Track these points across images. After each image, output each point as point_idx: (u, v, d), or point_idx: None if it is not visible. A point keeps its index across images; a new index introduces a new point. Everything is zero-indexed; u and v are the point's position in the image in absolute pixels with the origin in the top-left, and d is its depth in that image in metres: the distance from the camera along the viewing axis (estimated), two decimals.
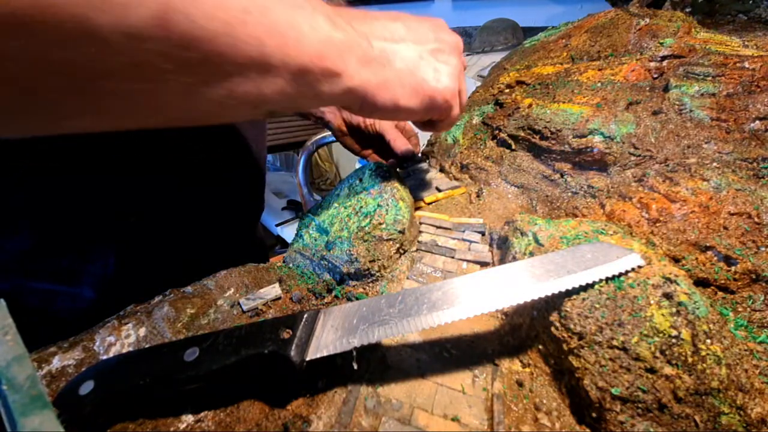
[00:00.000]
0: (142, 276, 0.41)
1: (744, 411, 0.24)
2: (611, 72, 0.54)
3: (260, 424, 0.26)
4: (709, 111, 0.44)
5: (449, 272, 0.38)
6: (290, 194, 2.35)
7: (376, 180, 0.40)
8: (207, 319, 0.33)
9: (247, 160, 0.57)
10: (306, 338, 0.26)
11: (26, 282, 0.41)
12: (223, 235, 0.56)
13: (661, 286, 0.26)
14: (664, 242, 0.34)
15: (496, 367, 0.29)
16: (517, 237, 0.36)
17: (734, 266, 0.32)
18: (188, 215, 0.50)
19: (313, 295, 0.36)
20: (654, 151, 0.43)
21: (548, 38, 0.69)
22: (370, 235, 0.36)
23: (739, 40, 0.55)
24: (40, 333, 0.29)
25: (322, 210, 0.42)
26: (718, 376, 0.24)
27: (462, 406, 0.26)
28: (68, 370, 0.29)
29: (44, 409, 0.20)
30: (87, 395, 0.24)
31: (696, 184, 0.36)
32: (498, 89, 0.63)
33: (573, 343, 0.27)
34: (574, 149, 0.46)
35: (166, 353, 0.26)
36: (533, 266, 0.28)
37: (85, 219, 0.42)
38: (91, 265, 0.43)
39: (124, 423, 0.25)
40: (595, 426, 0.26)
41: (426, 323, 0.26)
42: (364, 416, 0.26)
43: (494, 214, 0.46)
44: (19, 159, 0.37)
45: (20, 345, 0.22)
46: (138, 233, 0.46)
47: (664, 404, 0.24)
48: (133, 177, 0.43)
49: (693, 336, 0.24)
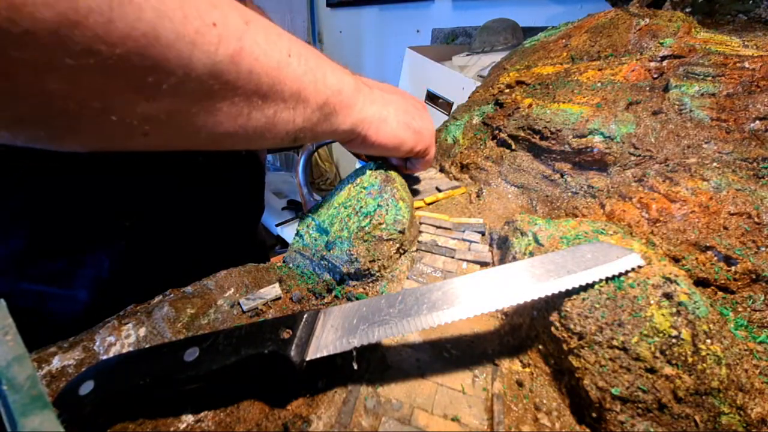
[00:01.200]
0: (139, 277, 0.41)
1: (744, 411, 0.24)
2: (611, 72, 0.54)
3: (260, 424, 0.26)
4: (709, 111, 0.44)
5: (449, 272, 0.38)
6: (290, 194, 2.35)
7: (376, 180, 0.40)
8: (207, 319, 0.33)
9: (247, 160, 0.57)
10: (306, 338, 0.26)
11: (20, 284, 0.41)
12: (223, 235, 0.56)
13: (661, 286, 0.26)
14: (664, 242, 0.34)
15: (496, 367, 0.29)
16: (517, 237, 0.36)
17: (734, 266, 0.32)
18: (188, 215, 0.50)
19: (313, 295, 0.36)
20: (654, 151, 0.43)
21: (548, 38, 0.69)
22: (370, 235, 0.36)
23: (739, 40, 0.55)
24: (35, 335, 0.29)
25: (322, 210, 0.42)
26: (718, 376, 0.24)
27: (462, 406, 0.26)
28: (68, 370, 0.29)
29: (44, 409, 0.20)
30: (87, 395, 0.24)
31: (696, 184, 0.36)
32: (498, 89, 0.63)
33: (573, 343, 0.27)
34: (574, 149, 0.46)
35: (166, 353, 0.26)
36: (533, 266, 0.28)
37: (83, 220, 0.42)
38: (86, 268, 0.43)
39: (124, 423, 0.25)
40: (595, 426, 0.26)
41: (426, 323, 0.26)
42: (364, 416, 0.26)
43: (494, 214, 0.46)
44: (19, 159, 0.37)
45: (20, 345, 0.22)
46: (137, 234, 0.46)
47: (664, 404, 0.24)
48: (133, 177, 0.43)
49: (693, 336, 0.24)
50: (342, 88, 0.33)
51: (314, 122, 0.32)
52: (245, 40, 0.24)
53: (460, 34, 1.88)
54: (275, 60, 0.26)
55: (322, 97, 0.31)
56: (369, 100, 0.37)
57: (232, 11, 0.24)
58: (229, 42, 0.23)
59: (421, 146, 0.42)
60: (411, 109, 0.43)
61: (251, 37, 0.24)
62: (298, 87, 0.28)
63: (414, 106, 0.44)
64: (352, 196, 0.40)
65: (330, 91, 0.32)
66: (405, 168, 0.47)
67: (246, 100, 0.26)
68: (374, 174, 0.41)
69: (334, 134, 0.35)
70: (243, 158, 0.56)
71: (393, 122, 0.39)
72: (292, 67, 0.28)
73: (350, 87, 0.34)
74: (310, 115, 0.31)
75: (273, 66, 0.26)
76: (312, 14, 2.76)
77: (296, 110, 0.29)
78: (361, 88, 0.36)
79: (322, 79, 0.31)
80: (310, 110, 0.30)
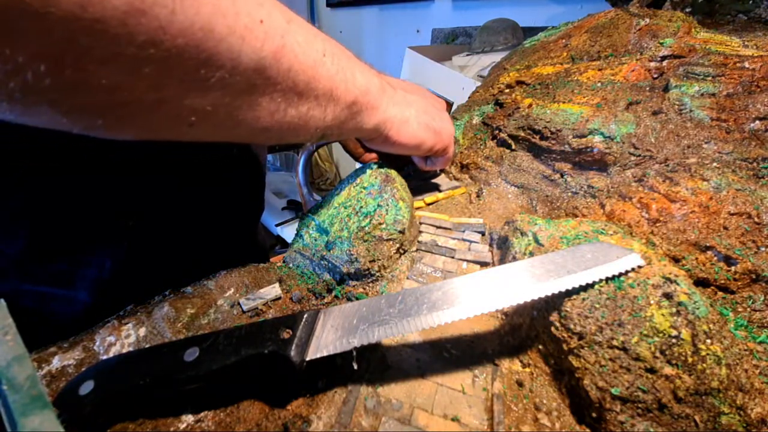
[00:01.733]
0: (140, 278, 0.41)
1: (744, 411, 0.24)
2: (611, 72, 0.54)
3: (260, 424, 0.26)
4: (709, 111, 0.44)
5: (449, 272, 0.38)
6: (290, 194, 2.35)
7: (376, 180, 0.40)
8: (207, 319, 0.33)
9: (247, 160, 0.57)
10: (306, 338, 0.26)
11: (21, 284, 0.41)
12: (223, 235, 0.56)
13: (661, 286, 0.26)
14: (664, 242, 0.34)
15: (496, 367, 0.29)
16: (517, 237, 0.36)
17: (734, 266, 0.32)
18: (188, 215, 0.50)
19: (313, 295, 0.36)
20: (654, 151, 0.43)
21: (548, 38, 0.69)
22: (370, 235, 0.36)
23: (739, 40, 0.55)
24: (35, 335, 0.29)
25: (322, 210, 0.42)
26: (718, 376, 0.24)
27: (462, 406, 0.26)
28: (68, 370, 0.29)
29: (44, 409, 0.20)
30: (87, 395, 0.24)
31: (696, 184, 0.36)
32: (498, 89, 0.63)
33: (573, 343, 0.27)
34: (574, 149, 0.46)
35: (166, 353, 0.26)
36: (533, 266, 0.28)
37: (84, 221, 0.42)
38: (87, 269, 0.43)
39: (124, 423, 0.25)
40: (595, 426, 0.26)
41: (426, 323, 0.26)
42: (364, 416, 0.26)
43: (494, 214, 0.46)
44: (19, 159, 0.37)
45: (20, 345, 0.22)
46: (137, 234, 0.46)
47: (664, 404, 0.24)
48: (133, 177, 0.43)
49: (693, 336, 0.24)
50: (369, 89, 0.34)
51: (342, 120, 0.33)
52: (287, 38, 0.25)
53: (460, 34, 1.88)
54: (312, 59, 0.27)
55: (351, 97, 0.32)
56: (393, 101, 0.38)
57: (275, 10, 0.25)
58: (274, 39, 0.24)
59: (440, 146, 0.44)
60: (431, 109, 0.44)
61: (292, 35, 0.25)
62: (330, 86, 0.29)
63: (434, 107, 0.45)
64: (352, 196, 0.40)
65: (358, 91, 0.33)
66: (425, 165, 0.49)
67: (284, 97, 0.27)
68: (374, 174, 0.41)
69: (358, 132, 0.37)
70: (243, 158, 0.56)
71: (414, 123, 0.40)
72: (326, 66, 0.29)
73: (376, 87, 0.35)
74: (339, 114, 0.32)
75: (309, 64, 0.27)
76: (312, 14, 2.76)
77: (327, 108, 0.30)
78: (385, 88, 0.37)
79: (351, 79, 0.32)
80: (339, 109, 0.31)
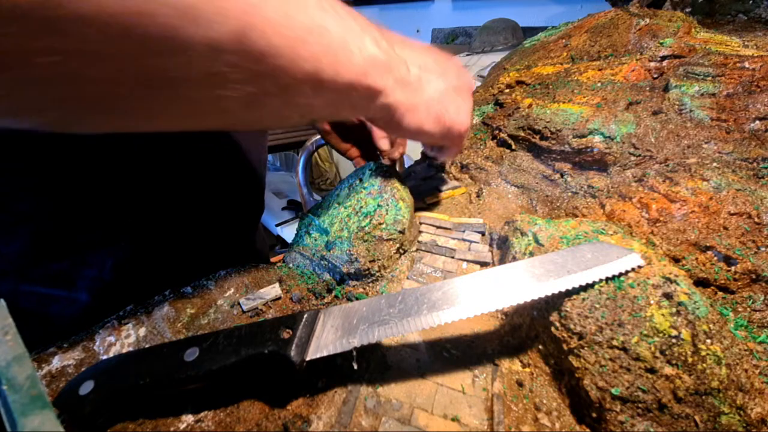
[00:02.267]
0: (140, 278, 0.41)
1: (744, 411, 0.24)
2: (611, 72, 0.54)
3: (260, 424, 0.26)
4: (709, 111, 0.44)
5: (449, 272, 0.38)
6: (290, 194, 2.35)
7: (376, 180, 0.40)
8: (207, 319, 0.33)
9: (247, 160, 0.57)
10: (306, 338, 0.26)
11: (21, 285, 0.41)
12: (223, 235, 0.56)
13: (661, 286, 0.26)
14: (664, 242, 0.34)
15: (496, 367, 0.29)
16: (517, 237, 0.36)
17: (734, 266, 0.32)
18: (188, 215, 0.50)
19: (313, 295, 0.36)
20: (654, 151, 0.43)
21: (548, 38, 0.69)
22: (370, 235, 0.36)
23: (739, 40, 0.55)
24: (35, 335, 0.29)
25: (322, 210, 0.42)
26: (718, 376, 0.24)
27: (462, 406, 0.26)
28: (68, 370, 0.29)
29: (44, 409, 0.20)
30: (87, 395, 0.24)
31: (696, 184, 0.36)
32: (498, 89, 0.63)
33: (573, 343, 0.27)
34: (574, 149, 0.46)
35: (166, 353, 0.26)
36: (533, 266, 0.28)
37: (86, 221, 0.42)
38: (88, 269, 0.43)
39: (124, 423, 0.25)
40: (595, 426, 0.26)
41: (426, 323, 0.26)
42: (364, 416, 0.26)
43: (494, 214, 0.46)
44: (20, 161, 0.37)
45: (20, 345, 0.22)
46: (139, 234, 0.46)
47: (664, 404, 0.24)
48: (133, 178, 0.43)
49: (693, 336, 0.24)
50: (368, 70, 0.29)
51: (336, 106, 0.30)
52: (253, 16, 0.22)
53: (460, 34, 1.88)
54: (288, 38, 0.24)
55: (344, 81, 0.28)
56: (401, 83, 0.32)
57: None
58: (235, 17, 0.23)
59: (447, 142, 0.41)
60: (447, 98, 0.37)
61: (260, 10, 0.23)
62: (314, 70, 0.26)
63: (456, 92, 0.39)
64: (352, 196, 0.40)
65: (354, 74, 0.29)
66: (430, 151, 0.47)
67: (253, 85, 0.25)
68: (374, 174, 0.41)
69: (358, 115, 0.35)
70: (243, 159, 0.56)
71: (423, 112, 0.35)
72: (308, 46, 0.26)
73: (379, 67, 0.30)
74: (330, 99, 0.29)
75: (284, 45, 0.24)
76: None
77: (313, 94, 0.28)
78: (392, 66, 0.31)
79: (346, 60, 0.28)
80: (330, 94, 0.28)
